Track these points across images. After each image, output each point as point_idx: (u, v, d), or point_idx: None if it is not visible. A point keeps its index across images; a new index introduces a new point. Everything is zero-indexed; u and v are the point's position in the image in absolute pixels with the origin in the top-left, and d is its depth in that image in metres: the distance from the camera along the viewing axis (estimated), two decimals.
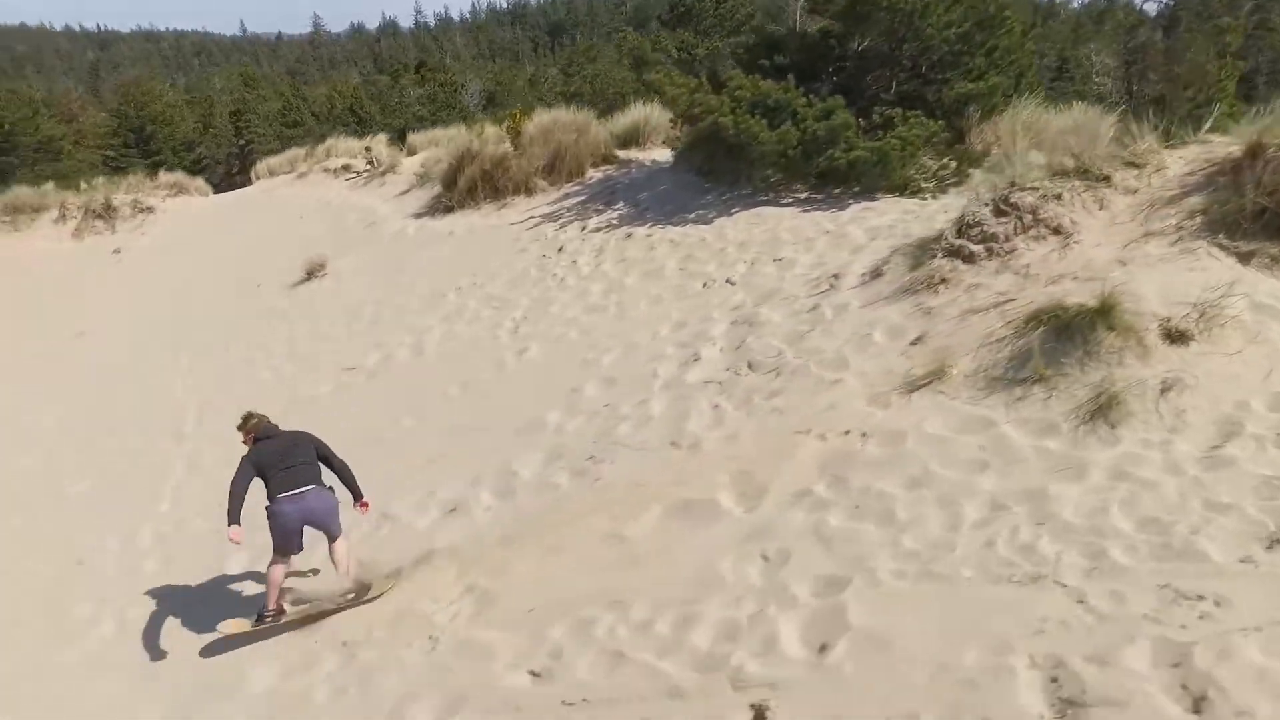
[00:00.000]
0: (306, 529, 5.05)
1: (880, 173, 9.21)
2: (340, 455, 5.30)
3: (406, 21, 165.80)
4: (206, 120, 41.64)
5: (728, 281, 8.10)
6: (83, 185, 26.45)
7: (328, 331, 11.08)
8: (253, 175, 25.01)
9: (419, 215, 15.27)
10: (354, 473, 5.28)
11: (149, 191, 24.64)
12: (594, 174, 13.28)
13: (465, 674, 4.00)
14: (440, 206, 14.76)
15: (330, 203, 19.81)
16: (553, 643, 4.00)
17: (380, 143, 22.84)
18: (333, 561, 5.12)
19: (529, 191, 13.42)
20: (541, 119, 14.21)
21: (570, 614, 4.15)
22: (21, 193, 26.50)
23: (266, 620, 4.97)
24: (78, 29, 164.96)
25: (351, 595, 4.96)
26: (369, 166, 21.69)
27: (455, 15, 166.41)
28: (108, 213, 24.13)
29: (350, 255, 14.32)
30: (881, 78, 10.24)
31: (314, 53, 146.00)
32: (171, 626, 5.51)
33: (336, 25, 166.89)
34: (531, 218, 12.25)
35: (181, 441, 9.26)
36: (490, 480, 5.76)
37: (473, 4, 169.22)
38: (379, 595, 4.89)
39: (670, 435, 5.56)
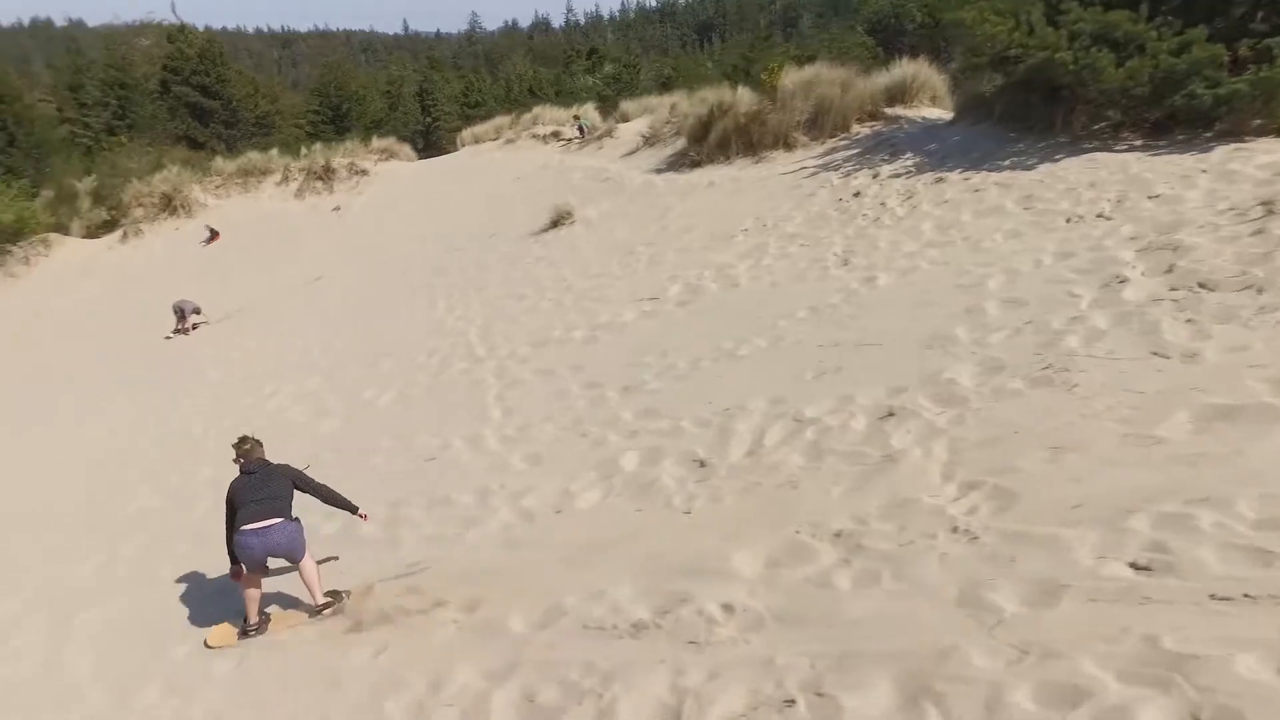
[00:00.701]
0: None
1: (1260, 110, 8.18)
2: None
3: (558, 20, 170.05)
4: (394, 100, 43.77)
5: (1099, 216, 7.36)
6: (302, 151, 28.08)
7: (601, 270, 11.01)
8: (458, 142, 25.87)
9: (659, 170, 15.17)
10: (340, 493, 5.41)
11: (363, 156, 25.91)
12: (860, 129, 12.72)
13: (1037, 566, 3.52)
14: (685, 161, 14.60)
15: (548, 164, 20.11)
16: (1143, 537, 3.47)
17: (587, 111, 23.11)
18: (304, 581, 5.17)
19: (788, 146, 13.01)
20: (801, 74, 13.77)
21: (1144, 509, 3.62)
22: (252, 157, 28.48)
23: (250, 633, 5.09)
24: (265, 29, 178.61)
25: (327, 608, 5.08)
26: (578, 134, 21.94)
27: (605, 13, 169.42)
28: (326, 175, 25.53)
29: (594, 206, 14.35)
30: (1243, 5, 9.13)
31: (470, 48, 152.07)
32: (594, 514, 5.37)
33: (491, 23, 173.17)
34: (803, 168, 11.82)
35: (480, 361, 9.33)
36: (919, 389, 5.30)
37: (623, 2, 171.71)
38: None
39: (1146, 347, 4.93)
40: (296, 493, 5.27)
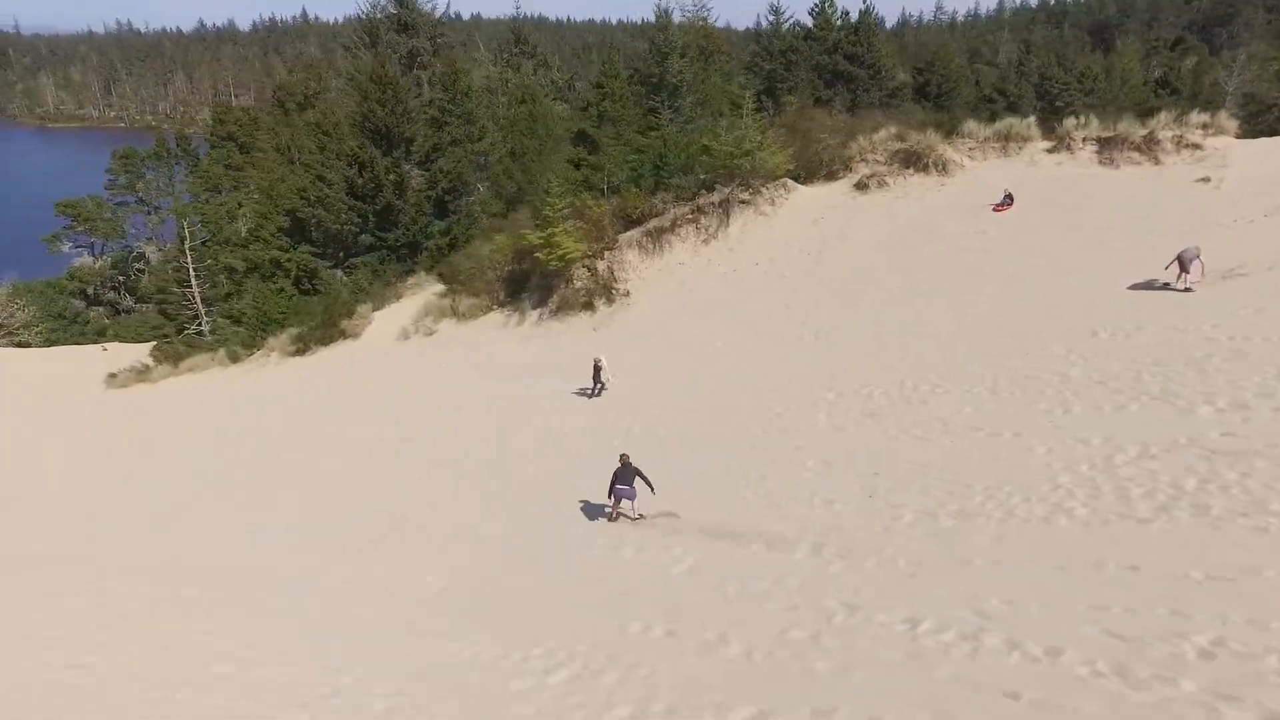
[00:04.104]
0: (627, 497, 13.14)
1: None
2: None
3: (927, 15, 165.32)
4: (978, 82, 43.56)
5: None
6: (1073, 120, 27.87)
7: None
8: None
9: None
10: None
11: (1189, 129, 25.16)
12: None
13: None
14: None
15: None
16: None
17: None
18: (633, 507, 13.07)
19: None
20: None
21: None
22: (1010, 122, 28.78)
23: (610, 519, 13.30)
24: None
25: (638, 517, 12.97)
26: None
27: (981, 11, 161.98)
28: (1147, 145, 25.04)
29: None
30: None
31: None
32: None
33: None
34: None
35: None
36: None
37: (999, 1, 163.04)
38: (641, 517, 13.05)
39: None
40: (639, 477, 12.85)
